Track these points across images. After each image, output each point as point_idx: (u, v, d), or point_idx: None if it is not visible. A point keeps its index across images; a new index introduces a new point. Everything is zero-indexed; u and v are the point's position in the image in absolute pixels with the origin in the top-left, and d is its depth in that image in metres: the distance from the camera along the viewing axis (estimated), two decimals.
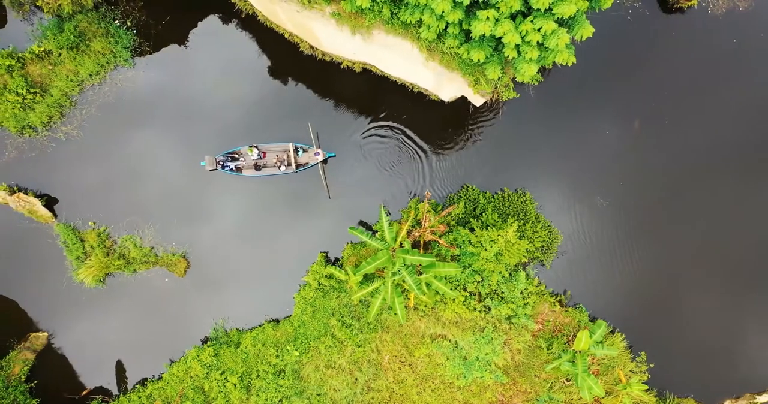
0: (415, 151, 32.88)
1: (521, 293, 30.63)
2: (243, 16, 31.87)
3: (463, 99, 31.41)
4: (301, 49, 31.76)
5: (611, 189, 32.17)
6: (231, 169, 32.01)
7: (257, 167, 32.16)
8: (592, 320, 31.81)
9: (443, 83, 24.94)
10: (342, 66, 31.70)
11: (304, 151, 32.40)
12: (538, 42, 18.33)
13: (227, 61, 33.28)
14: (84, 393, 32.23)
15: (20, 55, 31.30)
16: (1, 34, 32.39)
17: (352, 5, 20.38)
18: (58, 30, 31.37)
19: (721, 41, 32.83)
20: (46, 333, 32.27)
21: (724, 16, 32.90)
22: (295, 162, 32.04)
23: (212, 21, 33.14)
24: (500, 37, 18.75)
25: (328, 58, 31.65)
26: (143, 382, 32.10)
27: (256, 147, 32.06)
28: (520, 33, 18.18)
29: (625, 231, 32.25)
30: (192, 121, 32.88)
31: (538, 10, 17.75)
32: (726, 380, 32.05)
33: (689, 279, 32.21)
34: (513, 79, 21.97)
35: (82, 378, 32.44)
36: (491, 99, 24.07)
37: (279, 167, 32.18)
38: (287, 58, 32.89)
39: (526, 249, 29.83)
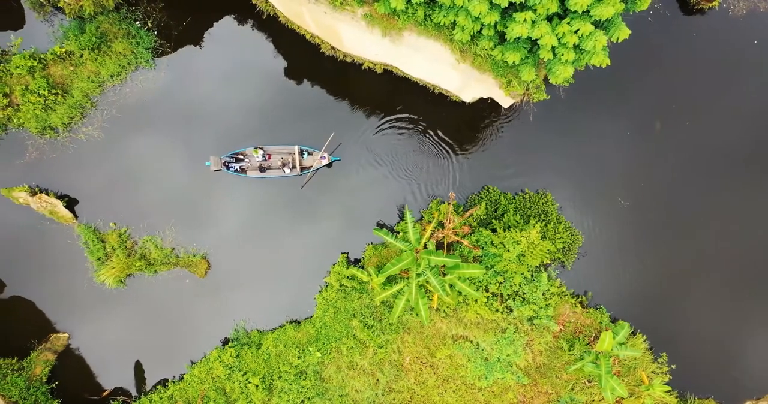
0: (435, 151, 32.88)
1: (543, 294, 30.63)
2: (264, 17, 31.83)
3: (483, 100, 31.39)
4: (322, 50, 31.72)
5: (632, 190, 32.17)
6: (236, 170, 31.96)
7: (262, 169, 32.12)
8: (613, 321, 31.83)
9: (470, 84, 24.94)
10: (363, 67, 31.67)
11: (309, 154, 32.34)
12: (574, 44, 18.34)
13: (246, 61, 33.27)
14: (104, 394, 32.29)
15: (42, 56, 31.30)
16: (20, 36, 32.27)
17: (386, 7, 20.36)
18: (80, 31, 31.34)
19: (742, 42, 32.82)
20: (66, 334, 32.30)
21: (744, 18, 32.89)
22: (300, 164, 31.99)
23: (233, 22, 33.13)
24: (535, 39, 18.78)
25: (349, 59, 31.61)
26: (164, 383, 32.14)
27: (261, 148, 31.99)
28: (557, 35, 18.19)
29: (646, 232, 32.26)
30: (209, 122, 32.85)
31: (575, 12, 17.76)
32: (747, 381, 32.06)
33: (711, 281, 32.22)
34: (545, 81, 21.95)
35: (102, 379, 32.51)
36: (521, 100, 24.06)
37: (283, 169, 32.11)
38: (307, 59, 32.86)
39: (548, 250, 29.82)
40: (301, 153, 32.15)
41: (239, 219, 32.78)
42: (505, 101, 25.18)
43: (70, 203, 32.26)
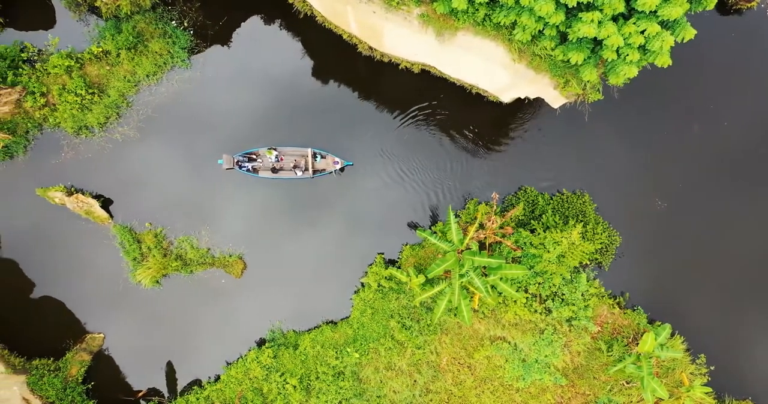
0: (468, 151, 32.84)
1: (582, 295, 30.55)
2: (300, 16, 31.72)
3: (520, 101, 31.37)
4: (358, 50, 31.64)
5: (670, 191, 32.09)
6: (248, 170, 31.80)
7: (274, 170, 31.96)
8: (650, 322, 31.75)
9: (520, 84, 24.86)
10: (400, 67, 31.61)
11: (323, 157, 32.19)
12: (640, 44, 18.28)
13: (279, 61, 33.19)
14: (139, 394, 32.19)
15: (79, 55, 31.21)
16: (51, 35, 32.10)
17: (446, 7, 20.29)
18: (116, 30, 31.27)
19: None
20: (102, 335, 32.20)
21: None
22: (312, 167, 31.85)
23: (269, 21, 33.07)
24: (597, 39, 18.70)
25: (386, 59, 31.54)
26: (199, 384, 32.04)
27: (275, 149, 31.80)
28: (623, 35, 18.13)
29: (682, 233, 32.18)
30: (236, 121, 32.71)
31: (642, 12, 17.69)
32: None
33: (748, 282, 32.14)
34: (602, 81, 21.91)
35: (136, 379, 32.41)
36: (576, 100, 24.00)
37: (295, 171, 31.96)
38: (341, 59, 32.85)
39: (588, 251, 29.72)
40: (314, 155, 32.01)
41: (274, 220, 32.68)
42: (555, 101, 25.11)
43: (105, 203, 32.17)
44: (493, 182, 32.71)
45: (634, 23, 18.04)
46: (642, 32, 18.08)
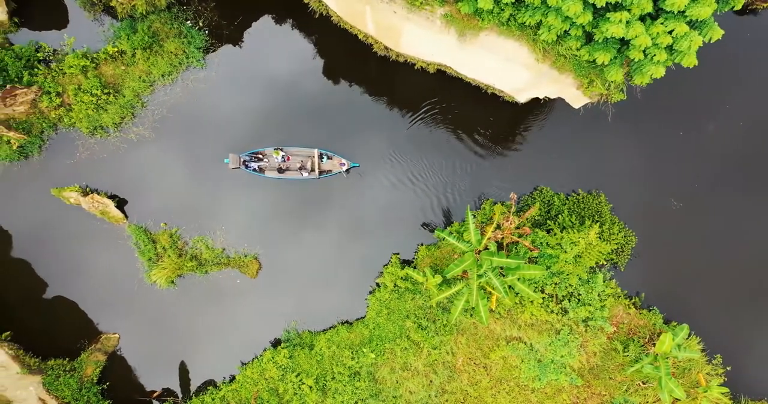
0: (481, 151, 32.80)
1: (599, 295, 30.49)
2: (316, 16, 31.67)
3: (536, 101, 31.35)
4: (374, 50, 31.61)
5: (685, 191, 32.04)
6: (254, 169, 31.78)
7: (280, 170, 31.93)
8: (666, 322, 31.70)
9: (541, 84, 24.82)
10: (416, 67, 31.58)
11: (329, 158, 32.15)
12: (667, 45, 18.24)
13: (293, 61, 33.15)
14: (155, 395, 32.17)
15: (94, 55, 31.17)
16: (64, 35, 32.05)
17: (471, 7, 20.23)
18: (131, 30, 31.22)
19: None
20: (117, 335, 32.19)
21: None
22: (319, 168, 31.80)
23: (283, 21, 33.04)
24: (624, 39, 18.64)
25: (401, 59, 31.52)
26: (214, 384, 32.02)
27: (281, 150, 31.77)
28: (650, 35, 18.08)
29: (698, 233, 32.11)
30: (248, 121, 32.69)
31: (670, 12, 17.64)
32: None
33: (763, 282, 32.08)
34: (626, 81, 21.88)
35: (151, 380, 32.44)
36: (599, 101, 23.96)
37: (301, 172, 31.92)
38: (355, 58, 32.83)
39: (605, 251, 29.68)
40: (320, 156, 31.95)
41: (287, 220, 32.64)
42: (576, 101, 25.06)
43: (120, 203, 32.13)
44: (508, 182, 32.64)
45: (662, 23, 17.98)
46: (670, 32, 18.04)
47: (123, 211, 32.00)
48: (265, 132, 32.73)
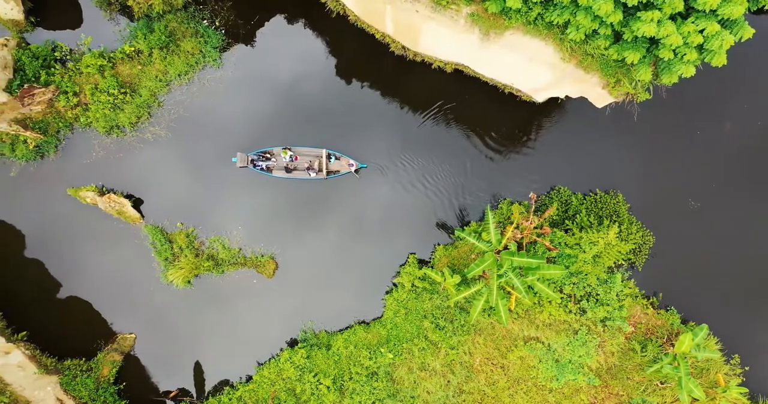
0: (498, 150, 32.74)
1: (617, 295, 30.42)
2: (333, 16, 31.61)
3: (553, 100, 31.31)
4: (391, 49, 31.54)
5: (703, 190, 31.97)
6: (262, 169, 31.71)
7: (287, 169, 31.87)
8: (684, 322, 31.64)
9: (564, 83, 24.74)
10: (433, 67, 31.52)
11: (337, 158, 32.10)
12: (698, 44, 18.18)
13: (309, 60, 33.07)
14: (171, 395, 32.10)
15: (111, 55, 31.10)
16: (80, 34, 31.98)
17: (498, 6, 20.17)
18: (148, 30, 31.14)
19: None
20: (133, 335, 32.12)
21: None
22: (327, 168, 31.75)
23: (300, 21, 32.96)
24: (653, 38, 18.58)
25: (419, 59, 31.46)
26: (230, 384, 31.95)
27: (289, 149, 31.70)
28: (681, 34, 18.02)
29: (716, 232, 32.04)
30: (261, 120, 32.59)
31: (701, 11, 17.58)
32: None
33: None
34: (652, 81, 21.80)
35: (168, 380, 32.38)
36: (624, 100, 23.90)
37: (308, 173, 31.86)
38: (372, 58, 32.74)
39: (623, 251, 29.63)
40: (328, 157, 31.91)
41: (303, 221, 32.55)
42: (600, 101, 24.97)
43: (136, 203, 32.06)
44: (526, 181, 32.55)
45: (693, 22, 17.93)
46: (701, 31, 17.99)
47: (139, 211, 31.94)
48: (274, 131, 32.64)
